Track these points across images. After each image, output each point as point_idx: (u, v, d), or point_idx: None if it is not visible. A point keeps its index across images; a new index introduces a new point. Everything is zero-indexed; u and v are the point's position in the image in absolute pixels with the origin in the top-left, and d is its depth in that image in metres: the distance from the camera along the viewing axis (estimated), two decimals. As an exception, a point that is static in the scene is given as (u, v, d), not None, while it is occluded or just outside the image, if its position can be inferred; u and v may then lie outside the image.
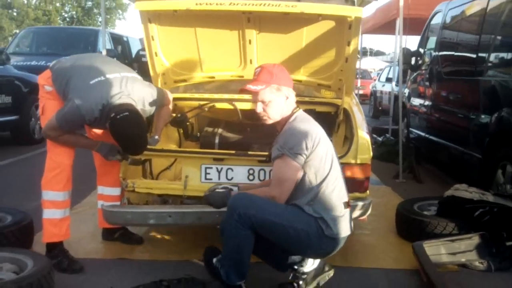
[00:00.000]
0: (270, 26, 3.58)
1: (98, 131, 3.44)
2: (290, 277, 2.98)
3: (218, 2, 3.32)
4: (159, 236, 3.86)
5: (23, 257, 2.85)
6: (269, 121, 2.82)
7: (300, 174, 2.69)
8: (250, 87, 2.76)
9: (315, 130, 2.72)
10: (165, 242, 3.75)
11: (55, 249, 3.30)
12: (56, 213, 3.28)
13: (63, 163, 3.25)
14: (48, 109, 3.27)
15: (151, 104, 3.28)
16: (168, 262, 3.37)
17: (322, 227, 2.67)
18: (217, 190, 2.93)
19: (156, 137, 3.49)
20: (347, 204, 2.79)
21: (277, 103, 2.75)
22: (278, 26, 3.57)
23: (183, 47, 3.77)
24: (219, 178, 3.35)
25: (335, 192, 2.73)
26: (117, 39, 12.46)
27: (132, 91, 3.15)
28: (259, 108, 2.80)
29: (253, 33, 3.60)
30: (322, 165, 2.70)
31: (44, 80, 3.31)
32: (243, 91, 2.83)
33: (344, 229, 2.77)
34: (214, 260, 2.93)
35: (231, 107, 3.82)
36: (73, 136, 3.23)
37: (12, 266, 2.83)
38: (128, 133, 3.01)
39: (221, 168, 3.37)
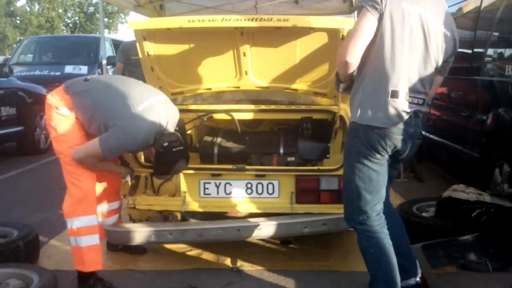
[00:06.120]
0: (264, 39, 3.61)
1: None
2: None
3: (210, 19, 3.36)
4: (162, 246, 3.91)
5: (29, 273, 2.92)
6: None
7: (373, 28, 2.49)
8: None
9: None
10: (168, 251, 3.81)
11: (91, 278, 3.14)
12: (94, 238, 3.11)
13: (88, 189, 3.10)
14: (62, 129, 3.04)
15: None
16: (171, 272, 3.43)
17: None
18: None
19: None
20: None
21: None
22: (272, 39, 3.60)
23: (178, 61, 3.82)
24: (217, 193, 3.42)
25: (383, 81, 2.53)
26: (118, 45, 12.51)
27: (172, 116, 3.16)
28: None
29: (247, 46, 3.65)
30: (385, 39, 2.50)
31: (58, 102, 3.05)
32: None
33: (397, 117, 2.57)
34: None
35: (229, 117, 3.88)
36: (107, 163, 3.16)
37: (19, 282, 2.90)
38: (176, 166, 3.10)
39: (220, 183, 3.43)
